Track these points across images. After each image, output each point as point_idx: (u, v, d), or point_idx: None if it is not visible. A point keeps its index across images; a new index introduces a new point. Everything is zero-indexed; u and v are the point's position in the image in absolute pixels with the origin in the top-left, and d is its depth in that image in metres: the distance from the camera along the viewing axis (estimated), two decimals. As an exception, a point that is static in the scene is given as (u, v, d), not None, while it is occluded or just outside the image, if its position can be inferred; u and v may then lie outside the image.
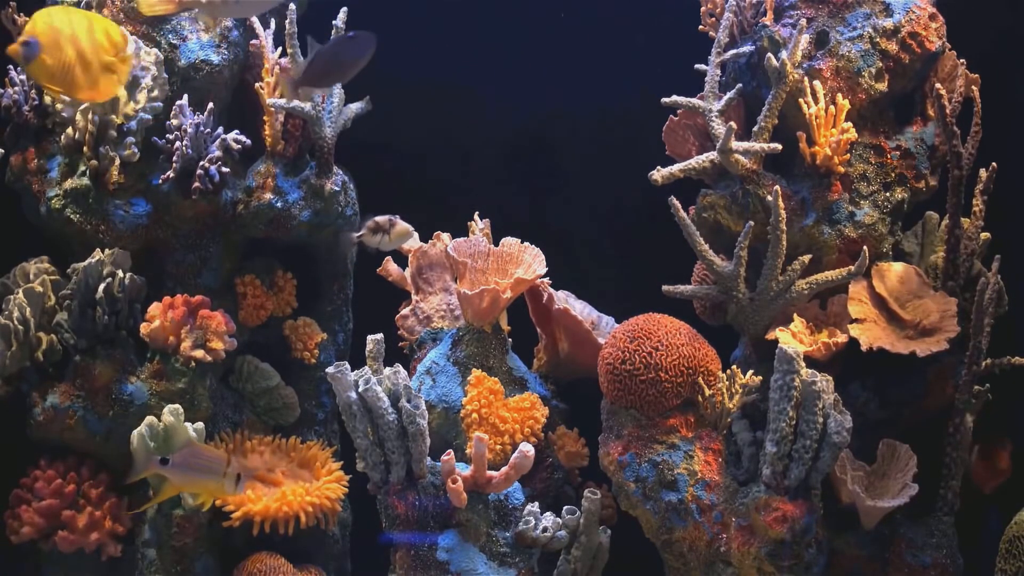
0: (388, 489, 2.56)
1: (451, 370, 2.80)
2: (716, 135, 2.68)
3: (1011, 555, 2.38)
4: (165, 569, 2.64)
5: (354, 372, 2.50)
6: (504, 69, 3.25)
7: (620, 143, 3.31)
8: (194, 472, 2.21)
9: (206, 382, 2.75)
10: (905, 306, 2.64)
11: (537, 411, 2.73)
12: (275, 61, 2.89)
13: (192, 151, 2.78)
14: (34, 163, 2.81)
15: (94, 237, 2.78)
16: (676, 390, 2.60)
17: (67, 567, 2.69)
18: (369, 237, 2.72)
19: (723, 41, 2.73)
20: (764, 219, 2.63)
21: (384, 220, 2.70)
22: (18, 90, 2.78)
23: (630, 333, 2.63)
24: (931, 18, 2.69)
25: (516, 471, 2.53)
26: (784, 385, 2.43)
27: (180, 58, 2.88)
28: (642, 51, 3.21)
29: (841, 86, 2.65)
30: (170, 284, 2.88)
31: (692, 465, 2.57)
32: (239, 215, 2.91)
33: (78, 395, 2.68)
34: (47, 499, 2.64)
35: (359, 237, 2.73)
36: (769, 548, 2.45)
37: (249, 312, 2.96)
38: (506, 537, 2.59)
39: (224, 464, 2.20)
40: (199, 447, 2.26)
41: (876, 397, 2.67)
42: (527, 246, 2.85)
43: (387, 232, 2.70)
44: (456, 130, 3.34)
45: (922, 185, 2.71)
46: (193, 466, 2.21)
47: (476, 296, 2.73)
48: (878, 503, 2.51)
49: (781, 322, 2.67)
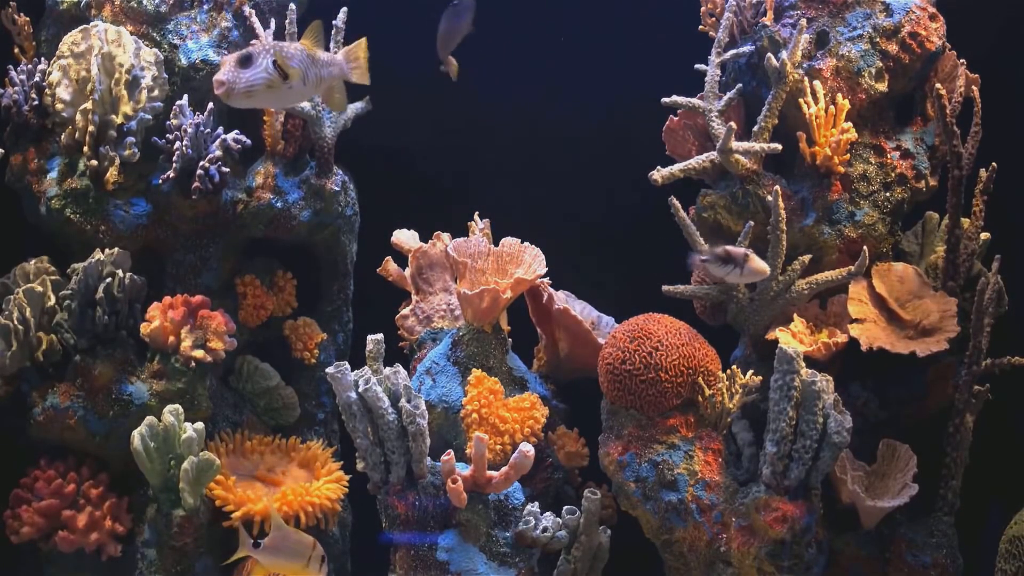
0: (388, 489, 2.56)
1: (451, 370, 2.80)
2: (716, 135, 2.68)
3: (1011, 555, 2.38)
4: (165, 569, 2.63)
5: (354, 372, 2.50)
6: (504, 69, 3.25)
7: (620, 143, 3.31)
8: (283, 555, 2.29)
9: (206, 382, 2.75)
10: (905, 306, 2.64)
11: (537, 411, 2.73)
12: (275, 61, 2.89)
13: (192, 151, 2.78)
14: (34, 163, 2.81)
15: (94, 237, 2.78)
16: (676, 390, 2.60)
17: (67, 567, 2.69)
18: (717, 267, 2.45)
19: (723, 41, 2.73)
20: (764, 219, 2.63)
21: (739, 252, 2.42)
22: (18, 90, 2.78)
23: (630, 333, 2.63)
24: (931, 18, 2.69)
25: (516, 471, 2.53)
26: (784, 385, 2.43)
27: (180, 58, 2.88)
28: (642, 51, 3.21)
29: (841, 86, 2.66)
30: (170, 284, 2.88)
31: (692, 465, 2.57)
32: (239, 215, 2.91)
33: (78, 395, 2.68)
34: (47, 499, 2.64)
35: (703, 261, 2.47)
36: (769, 548, 2.45)
37: (249, 312, 2.96)
38: (506, 537, 2.59)
39: (310, 548, 2.29)
40: (288, 530, 2.33)
41: (876, 397, 2.67)
42: (527, 246, 2.85)
43: (740, 266, 2.41)
44: (456, 130, 3.34)
45: (922, 185, 2.71)
46: (282, 549, 2.29)
47: (476, 296, 2.73)
48: (878, 503, 2.51)
49: (781, 322, 2.67)
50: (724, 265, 2.43)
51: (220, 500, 2.63)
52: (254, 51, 2.17)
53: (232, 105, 2.22)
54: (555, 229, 2.99)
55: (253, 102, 2.22)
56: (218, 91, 2.17)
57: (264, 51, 2.17)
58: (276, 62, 2.16)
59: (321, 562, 2.29)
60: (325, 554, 2.31)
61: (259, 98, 2.20)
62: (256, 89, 2.17)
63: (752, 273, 2.44)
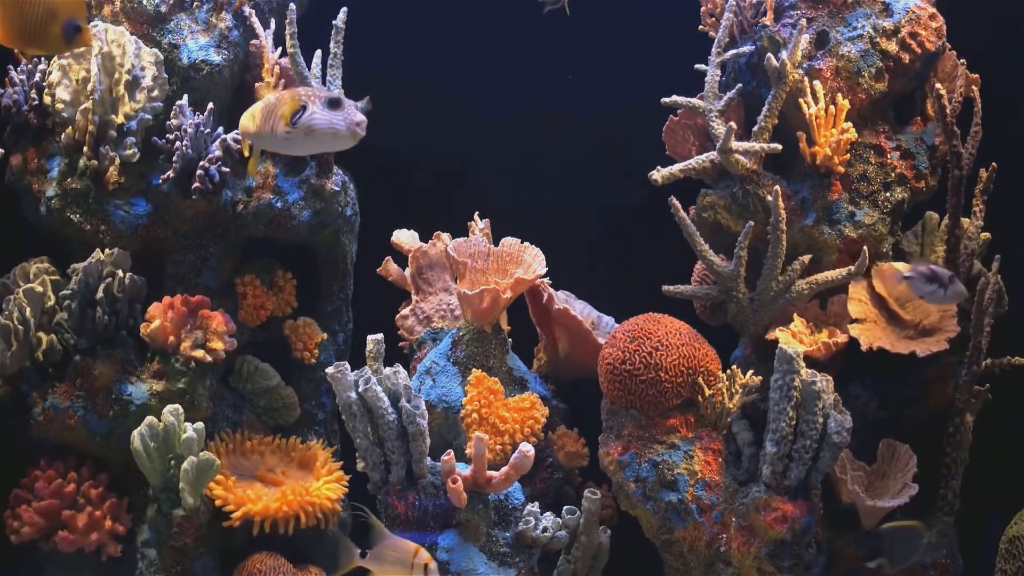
0: (388, 489, 2.56)
1: (451, 370, 2.80)
2: (716, 135, 2.68)
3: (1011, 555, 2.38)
4: (165, 569, 2.63)
5: (354, 372, 2.50)
6: (504, 69, 3.25)
7: (620, 143, 3.31)
8: (387, 563, 2.30)
9: (206, 382, 2.75)
10: (905, 306, 2.64)
11: (537, 411, 2.73)
12: (275, 61, 2.89)
13: (192, 151, 2.78)
14: (34, 163, 2.81)
15: (94, 237, 2.78)
16: (676, 390, 2.60)
17: (67, 567, 2.69)
18: (920, 284, 2.45)
19: (723, 41, 2.73)
20: (764, 219, 2.63)
21: (944, 274, 2.43)
22: (18, 90, 2.78)
23: (630, 333, 2.63)
24: (931, 18, 2.69)
25: (516, 471, 2.53)
26: (784, 385, 2.43)
27: (180, 58, 2.88)
28: (642, 51, 3.21)
29: (841, 86, 2.66)
30: (170, 284, 2.88)
31: (692, 465, 2.57)
32: (239, 215, 2.91)
33: (78, 395, 2.67)
34: (47, 499, 2.64)
35: (907, 278, 2.47)
36: (769, 548, 2.45)
37: (249, 312, 2.96)
38: (506, 537, 2.59)
39: (412, 555, 2.29)
40: (393, 539, 2.33)
41: (876, 397, 2.67)
42: (527, 246, 2.86)
43: (945, 287, 2.43)
44: (456, 130, 3.34)
45: (922, 185, 2.71)
46: (387, 557, 2.30)
47: (476, 296, 2.73)
48: (878, 503, 2.51)
49: (781, 322, 2.67)
50: (929, 283, 2.45)
51: (220, 500, 2.63)
52: (340, 96, 2.11)
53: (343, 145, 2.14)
54: (555, 229, 2.99)
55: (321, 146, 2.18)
56: (362, 132, 2.10)
57: (347, 101, 2.11)
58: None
59: (425, 570, 2.28)
60: (431, 560, 2.30)
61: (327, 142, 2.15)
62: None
63: (956, 295, 2.45)
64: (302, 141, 2.12)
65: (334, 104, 2.09)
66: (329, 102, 2.09)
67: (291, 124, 2.09)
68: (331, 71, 2.82)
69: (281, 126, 2.10)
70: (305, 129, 2.09)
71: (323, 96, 2.10)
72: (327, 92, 2.12)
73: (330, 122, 2.08)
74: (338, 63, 2.82)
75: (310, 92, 2.12)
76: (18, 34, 2.19)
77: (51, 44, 2.22)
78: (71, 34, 2.19)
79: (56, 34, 2.19)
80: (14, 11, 2.17)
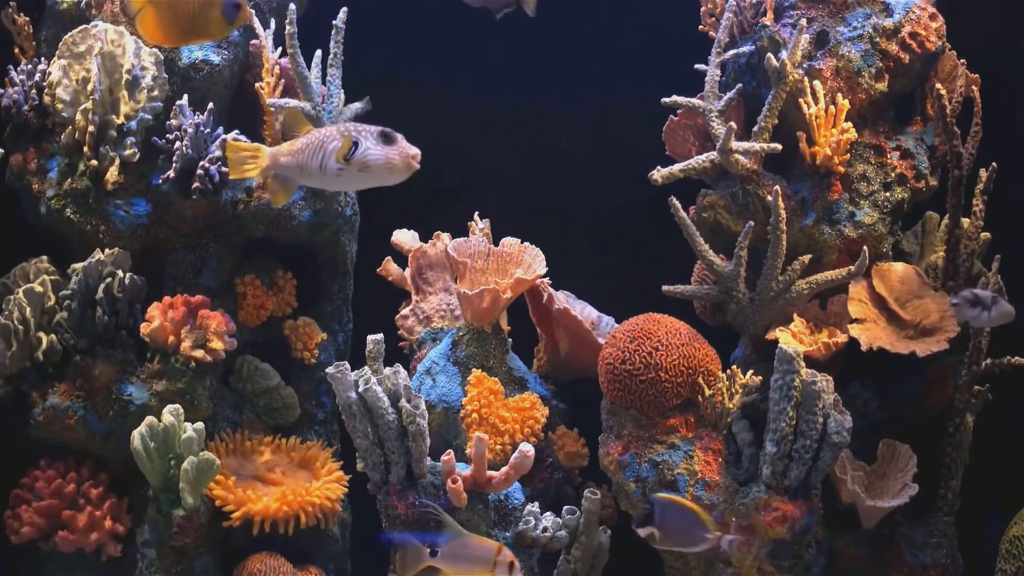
0: (388, 489, 2.55)
1: (451, 370, 2.80)
2: (716, 135, 2.68)
3: (1011, 555, 2.38)
4: (165, 569, 2.64)
5: (354, 372, 2.50)
6: (504, 69, 3.25)
7: (620, 143, 3.31)
8: (465, 562, 2.21)
9: (206, 382, 2.75)
10: (905, 306, 2.64)
11: (537, 411, 2.73)
12: (275, 61, 2.89)
13: (192, 151, 2.78)
14: (34, 163, 2.81)
15: (94, 237, 2.78)
16: (676, 390, 2.60)
17: (67, 567, 2.69)
18: (965, 310, 2.43)
19: (723, 41, 2.73)
20: (764, 219, 2.63)
21: (987, 296, 2.41)
22: (18, 90, 2.78)
23: (630, 333, 2.63)
24: (931, 18, 2.69)
25: (516, 471, 2.53)
26: (784, 385, 2.43)
27: (180, 58, 2.88)
28: (642, 51, 3.21)
29: (841, 86, 2.65)
30: (170, 284, 2.88)
31: (692, 465, 2.57)
32: (239, 215, 2.91)
33: (78, 395, 2.68)
34: (47, 499, 2.64)
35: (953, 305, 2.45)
36: (769, 548, 2.45)
37: (249, 312, 2.96)
38: (506, 537, 2.58)
39: (495, 553, 2.19)
40: (471, 537, 2.23)
41: (876, 397, 2.67)
42: (527, 246, 2.85)
43: (989, 308, 2.40)
44: (456, 130, 3.34)
45: (922, 185, 2.71)
46: (462, 556, 2.21)
47: (476, 296, 2.73)
48: (878, 503, 2.51)
49: (781, 322, 2.67)
50: (973, 308, 2.43)
51: (220, 500, 2.63)
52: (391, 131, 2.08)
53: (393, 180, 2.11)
54: (555, 229, 2.99)
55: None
56: (417, 165, 2.08)
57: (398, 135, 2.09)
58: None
59: (510, 569, 2.18)
60: (514, 559, 2.19)
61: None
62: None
63: (1002, 316, 2.43)
64: (354, 177, 2.08)
65: (387, 138, 2.07)
66: (382, 136, 2.06)
67: (345, 160, 2.05)
68: (331, 71, 2.82)
69: (333, 163, 2.07)
70: (360, 165, 2.06)
71: (374, 131, 2.07)
72: (376, 127, 2.09)
73: (386, 156, 2.06)
74: (338, 63, 2.82)
75: (359, 128, 2.08)
76: (179, 32, 2.18)
77: (215, 30, 2.20)
78: (232, 13, 2.17)
79: (218, 18, 2.17)
80: (168, 11, 2.16)
